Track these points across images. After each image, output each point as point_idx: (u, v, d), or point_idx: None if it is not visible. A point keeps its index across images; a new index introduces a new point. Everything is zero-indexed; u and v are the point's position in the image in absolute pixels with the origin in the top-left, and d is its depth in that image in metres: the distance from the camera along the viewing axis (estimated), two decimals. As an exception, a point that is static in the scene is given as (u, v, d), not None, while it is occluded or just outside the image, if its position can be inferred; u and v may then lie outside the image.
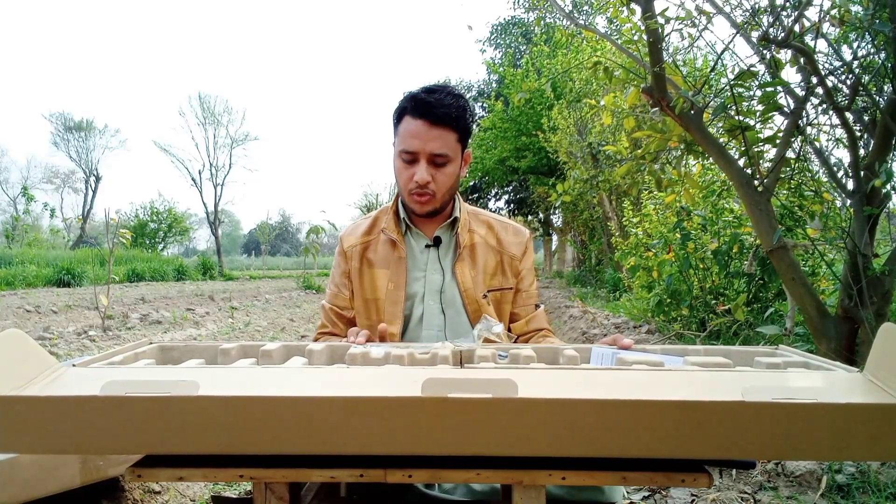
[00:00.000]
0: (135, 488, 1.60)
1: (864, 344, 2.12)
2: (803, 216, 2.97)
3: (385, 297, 1.27)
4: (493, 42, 22.12)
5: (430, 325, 1.28)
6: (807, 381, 0.72)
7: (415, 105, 1.17)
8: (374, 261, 1.31)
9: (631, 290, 6.32)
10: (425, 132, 1.16)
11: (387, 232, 1.31)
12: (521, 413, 0.61)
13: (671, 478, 0.71)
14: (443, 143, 1.17)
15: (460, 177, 1.26)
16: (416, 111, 1.17)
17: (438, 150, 1.17)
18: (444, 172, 1.20)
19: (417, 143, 1.17)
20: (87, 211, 30.99)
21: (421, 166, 1.18)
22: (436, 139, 1.16)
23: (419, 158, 1.18)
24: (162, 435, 0.62)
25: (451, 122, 1.17)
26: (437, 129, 1.16)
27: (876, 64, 2.16)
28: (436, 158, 1.18)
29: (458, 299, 1.28)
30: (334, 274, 1.39)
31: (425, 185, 1.19)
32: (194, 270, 17.37)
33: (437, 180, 1.20)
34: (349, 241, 1.35)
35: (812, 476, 1.74)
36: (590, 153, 9.31)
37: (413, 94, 1.20)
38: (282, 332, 5.55)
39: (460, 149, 1.22)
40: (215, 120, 26.29)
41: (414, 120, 1.17)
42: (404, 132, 1.19)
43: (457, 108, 1.18)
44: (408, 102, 1.19)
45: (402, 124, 1.20)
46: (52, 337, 4.56)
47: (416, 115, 1.17)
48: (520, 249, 1.35)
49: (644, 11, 2.32)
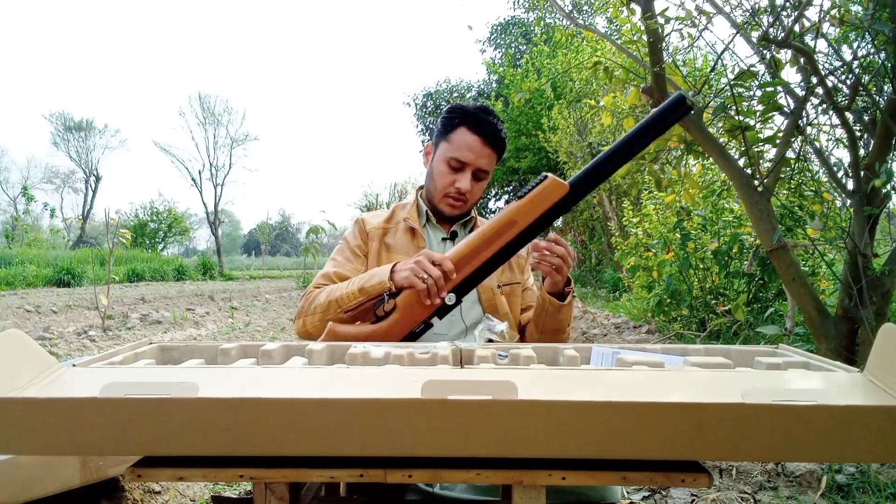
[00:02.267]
0: (135, 488, 1.60)
1: (864, 344, 2.12)
2: (803, 216, 2.97)
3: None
4: (493, 42, 22.11)
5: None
6: (807, 382, 0.72)
7: (477, 123, 1.30)
8: (393, 245, 1.38)
9: (631, 290, 6.33)
10: (479, 148, 1.30)
11: (409, 221, 1.40)
12: (520, 415, 0.61)
13: (671, 478, 0.71)
14: (489, 162, 1.32)
15: None
16: (477, 128, 1.29)
17: (485, 167, 1.32)
18: (480, 186, 1.35)
19: (470, 156, 1.29)
20: (87, 211, 31.01)
21: (466, 176, 1.31)
22: (486, 157, 1.31)
23: (466, 170, 1.31)
24: (162, 436, 0.62)
25: (500, 145, 1.33)
26: (488, 149, 1.31)
27: (876, 64, 2.16)
28: (479, 173, 1.33)
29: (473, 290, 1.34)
30: (343, 248, 1.41)
31: (464, 194, 1.32)
32: (194, 270, 17.36)
33: (474, 191, 1.34)
34: (372, 223, 1.43)
35: (812, 476, 1.74)
36: (590, 153, 9.32)
37: (471, 111, 1.32)
38: (282, 332, 5.55)
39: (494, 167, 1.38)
40: (215, 120, 26.30)
41: (472, 134, 1.29)
42: (459, 143, 1.30)
43: (504, 134, 1.34)
44: (467, 117, 1.31)
45: (457, 134, 1.31)
46: (52, 337, 4.56)
47: (476, 131, 1.29)
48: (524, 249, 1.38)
49: (644, 11, 2.32)
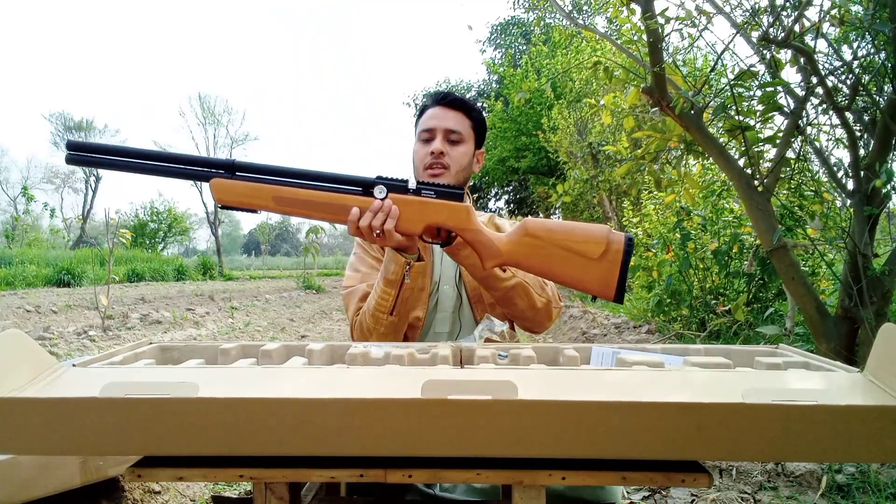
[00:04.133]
0: (135, 488, 1.60)
1: (864, 344, 2.12)
2: (803, 216, 2.97)
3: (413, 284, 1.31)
4: (493, 42, 22.10)
5: (444, 307, 1.35)
6: (806, 382, 0.72)
7: (435, 97, 1.34)
8: None
9: (631, 290, 6.32)
10: (442, 113, 1.31)
11: None
12: (520, 415, 0.61)
13: (671, 478, 0.71)
14: (457, 123, 1.31)
15: (472, 170, 1.35)
16: (435, 99, 1.34)
17: (453, 127, 1.30)
18: (457, 150, 1.30)
19: (435, 122, 1.31)
20: (87, 211, 31.00)
21: (437, 140, 1.30)
22: (451, 118, 1.31)
23: (436, 135, 1.30)
24: (162, 436, 0.62)
25: (465, 107, 1.33)
26: (452, 112, 1.31)
27: (876, 64, 2.16)
28: (450, 135, 1.30)
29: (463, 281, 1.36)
30: (363, 257, 1.40)
31: (440, 156, 1.28)
32: (194, 270, 17.34)
33: (451, 155, 1.30)
34: None
35: (812, 476, 1.74)
36: (590, 153, 9.32)
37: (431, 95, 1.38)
38: (282, 332, 5.55)
39: (473, 136, 1.34)
40: (215, 120, 26.26)
41: (432, 108, 1.33)
42: (424, 119, 1.33)
43: (470, 102, 1.35)
44: (428, 100, 1.36)
45: (423, 116, 1.34)
46: (52, 337, 4.56)
47: (434, 102, 1.33)
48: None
49: (644, 11, 2.32)
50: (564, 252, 0.98)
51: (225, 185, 0.98)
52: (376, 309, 1.20)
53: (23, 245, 16.72)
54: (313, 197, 0.99)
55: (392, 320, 1.19)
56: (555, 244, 0.99)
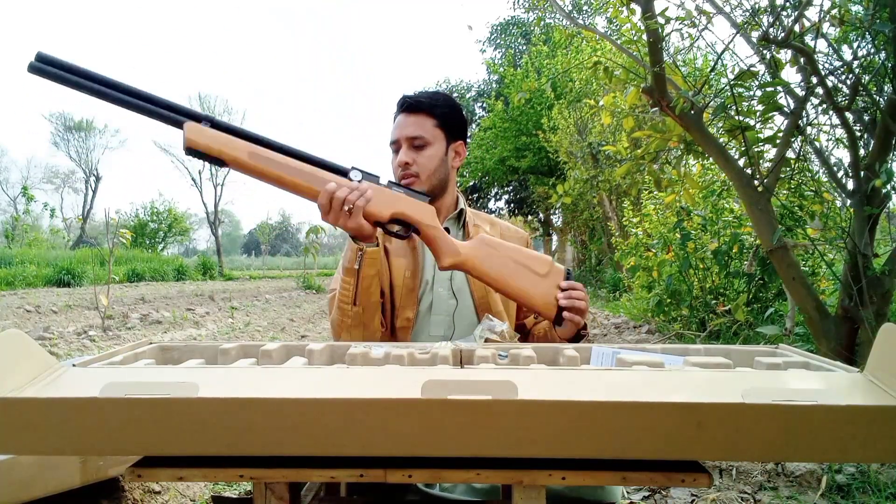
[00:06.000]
0: (135, 488, 1.60)
1: (864, 344, 2.12)
2: (803, 216, 2.97)
3: (402, 284, 1.33)
4: (493, 42, 22.08)
5: (439, 310, 1.34)
6: (806, 382, 0.72)
7: (399, 105, 1.33)
8: (391, 249, 1.38)
9: (631, 290, 6.33)
10: (404, 121, 1.30)
11: None
12: (520, 415, 0.61)
13: (671, 478, 0.71)
14: (417, 128, 1.29)
15: (452, 167, 1.35)
16: (398, 108, 1.33)
17: (413, 133, 1.29)
18: (423, 155, 1.29)
19: (397, 132, 1.30)
20: (87, 211, 30.98)
21: (403, 150, 1.29)
22: (411, 125, 1.29)
23: (401, 144, 1.30)
24: (162, 436, 0.62)
25: (424, 108, 1.30)
26: (412, 117, 1.30)
27: (876, 64, 2.16)
28: (413, 141, 1.29)
29: (465, 287, 1.36)
30: None
31: (407, 167, 1.28)
32: (194, 270, 17.33)
33: (418, 162, 1.29)
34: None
35: (812, 476, 1.74)
36: (590, 153, 9.32)
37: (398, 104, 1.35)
38: (282, 332, 5.55)
39: (441, 135, 1.31)
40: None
41: (398, 115, 1.32)
42: (392, 129, 1.33)
43: (432, 97, 1.32)
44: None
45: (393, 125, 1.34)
46: (52, 337, 4.56)
47: (398, 111, 1.32)
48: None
49: (644, 11, 2.32)
50: (515, 264, 1.12)
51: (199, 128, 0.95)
52: (340, 300, 1.22)
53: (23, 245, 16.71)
54: (290, 161, 1.01)
55: (356, 310, 1.20)
56: (507, 255, 1.13)
